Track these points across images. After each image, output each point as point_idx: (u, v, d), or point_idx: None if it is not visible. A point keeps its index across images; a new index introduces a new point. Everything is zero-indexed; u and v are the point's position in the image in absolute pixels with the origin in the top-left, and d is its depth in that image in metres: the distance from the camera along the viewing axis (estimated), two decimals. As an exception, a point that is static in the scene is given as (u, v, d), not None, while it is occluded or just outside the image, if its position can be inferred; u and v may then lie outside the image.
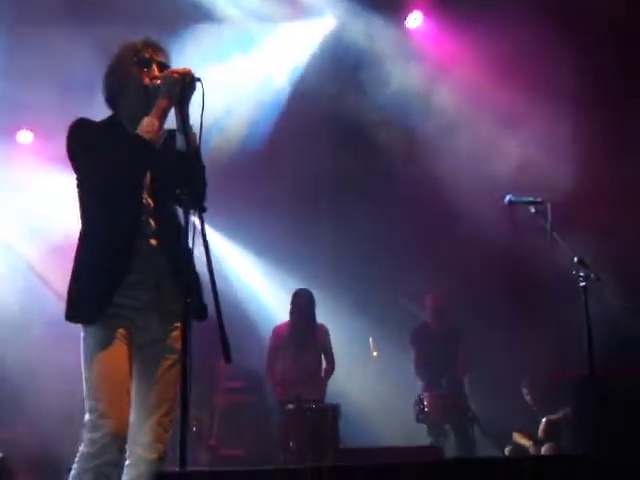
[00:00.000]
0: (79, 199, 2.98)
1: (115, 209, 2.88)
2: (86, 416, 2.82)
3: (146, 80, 2.97)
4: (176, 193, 2.78)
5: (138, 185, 2.94)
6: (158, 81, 2.91)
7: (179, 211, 2.92)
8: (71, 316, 2.88)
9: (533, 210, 4.62)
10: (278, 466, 5.15)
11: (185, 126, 2.83)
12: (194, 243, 2.68)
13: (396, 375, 7.10)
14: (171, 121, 2.93)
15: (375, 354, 7.58)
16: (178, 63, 3.08)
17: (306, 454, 5.44)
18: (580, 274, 4.39)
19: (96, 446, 2.75)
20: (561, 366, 6.22)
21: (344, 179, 7.66)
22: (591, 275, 4.38)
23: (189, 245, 2.73)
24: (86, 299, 2.85)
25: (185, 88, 2.83)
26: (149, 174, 2.98)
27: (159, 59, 3.03)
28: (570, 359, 5.73)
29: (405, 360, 6.97)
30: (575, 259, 4.44)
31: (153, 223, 2.95)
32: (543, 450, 5.95)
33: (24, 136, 7.43)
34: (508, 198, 4.70)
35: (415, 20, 7.28)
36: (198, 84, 2.83)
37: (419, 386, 6.80)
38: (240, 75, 7.10)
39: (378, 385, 7.31)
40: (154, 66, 3.00)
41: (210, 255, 2.64)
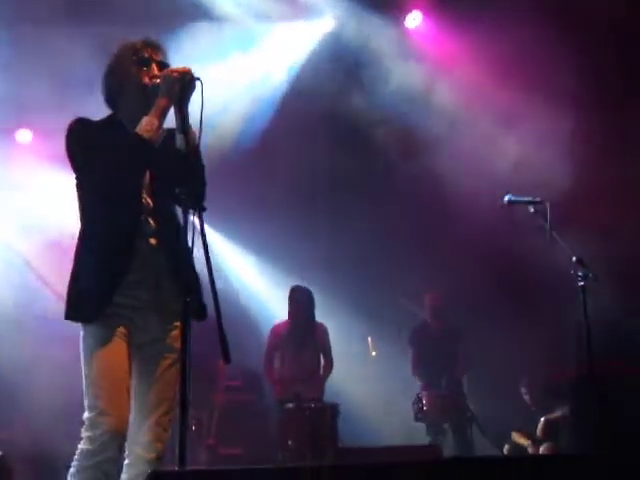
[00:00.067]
0: (78, 199, 2.98)
1: (114, 208, 2.88)
2: (85, 413, 2.81)
3: (145, 79, 2.97)
4: (175, 192, 2.79)
5: (137, 184, 2.94)
6: (157, 80, 2.91)
7: (178, 210, 2.92)
8: (71, 316, 2.88)
9: (532, 210, 4.64)
10: (277, 465, 5.15)
11: (184, 125, 2.84)
12: (194, 243, 2.69)
13: (395, 374, 7.11)
14: (170, 120, 2.93)
15: (374, 353, 7.58)
16: (176, 61, 3.08)
17: (305, 453, 5.44)
18: (579, 274, 4.40)
19: (95, 443, 2.75)
20: (559, 366, 6.23)
21: (342, 178, 7.66)
22: (589, 275, 4.39)
23: (188, 245, 2.74)
24: (86, 299, 2.85)
25: (184, 87, 2.82)
26: (148, 173, 2.97)
27: (158, 58, 3.02)
28: (568, 359, 5.74)
29: (404, 359, 6.97)
30: (574, 259, 4.45)
31: (152, 222, 2.95)
32: (541, 449, 5.95)
33: (23, 135, 7.43)
34: (507, 198, 4.71)
35: (414, 20, 7.30)
36: (198, 83, 2.83)
37: (418, 385, 6.81)
38: (238, 73, 7.09)
39: (377, 384, 7.31)
40: (153, 65, 3.00)
41: (209, 255, 2.65)
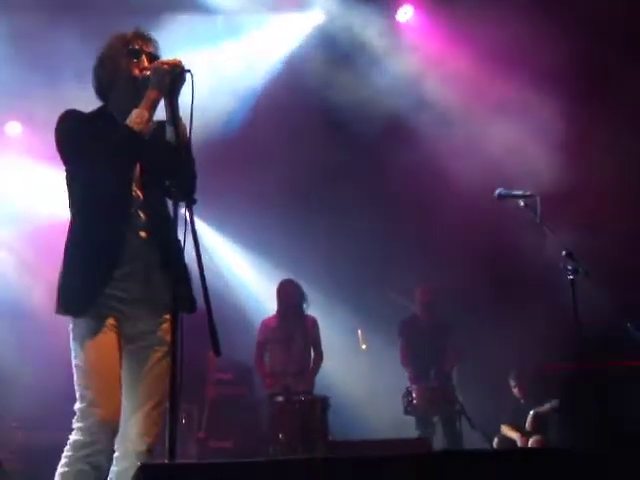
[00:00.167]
0: (68, 191, 2.97)
1: (104, 201, 2.86)
2: (76, 404, 2.81)
3: (136, 71, 2.95)
4: (166, 185, 2.78)
5: (127, 177, 2.93)
6: (148, 72, 2.89)
7: (169, 203, 2.91)
8: (61, 309, 2.87)
9: (522, 204, 4.65)
10: (268, 458, 5.16)
11: (175, 118, 2.83)
12: (185, 236, 2.68)
13: (385, 368, 7.12)
14: (161, 113, 2.92)
15: (364, 347, 7.58)
16: (165, 52, 3.07)
17: (295, 446, 5.45)
18: (568, 267, 4.42)
19: (86, 434, 2.74)
20: (549, 359, 6.26)
21: (335, 173, 7.65)
22: (579, 268, 4.41)
23: (179, 237, 2.73)
24: (76, 291, 2.84)
25: (175, 79, 2.81)
26: (138, 166, 2.96)
27: (149, 50, 3.00)
28: (557, 352, 5.77)
29: (394, 353, 6.97)
30: (563, 252, 4.47)
31: (143, 215, 2.94)
32: (530, 443, 5.99)
33: (13, 127, 7.38)
34: (498, 192, 4.73)
35: (405, 14, 7.33)
36: (188, 75, 2.82)
37: (407, 378, 6.81)
38: (227, 65, 7.06)
39: (367, 377, 7.32)
40: (144, 57, 2.98)
41: (199, 248, 2.64)
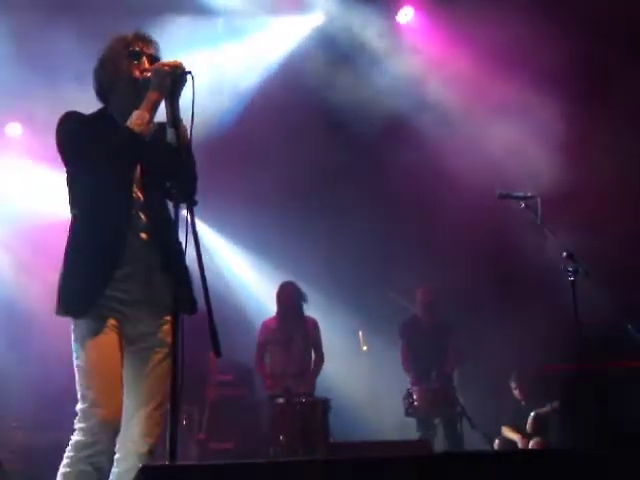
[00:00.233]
0: (69, 192, 2.97)
1: (105, 203, 2.87)
2: (78, 405, 2.80)
3: (136, 73, 2.95)
4: (166, 187, 2.78)
5: (128, 178, 2.93)
6: (148, 74, 2.89)
7: (169, 205, 2.91)
8: (61, 310, 2.87)
9: (523, 205, 4.65)
10: (268, 460, 5.15)
11: (175, 119, 2.83)
12: (187, 237, 2.68)
13: (386, 369, 7.11)
14: (161, 115, 2.92)
15: (365, 348, 7.58)
16: (165, 53, 3.07)
17: (296, 448, 5.44)
18: (569, 268, 4.42)
19: (88, 435, 2.74)
20: (549, 360, 6.25)
21: (336, 173, 7.65)
22: (580, 269, 4.41)
23: (179, 239, 2.73)
24: (76, 293, 2.84)
25: (176, 81, 2.81)
26: (139, 167, 2.96)
27: (150, 52, 3.01)
28: (558, 353, 5.76)
29: (395, 354, 6.97)
30: (564, 253, 4.47)
31: (143, 217, 2.94)
32: (531, 444, 5.98)
33: (13, 128, 7.37)
34: (499, 193, 4.73)
35: (406, 15, 7.34)
36: (189, 77, 2.82)
37: (408, 380, 6.81)
38: (227, 66, 7.08)
39: (368, 379, 7.32)
40: (144, 59, 2.98)
41: (200, 249, 2.64)
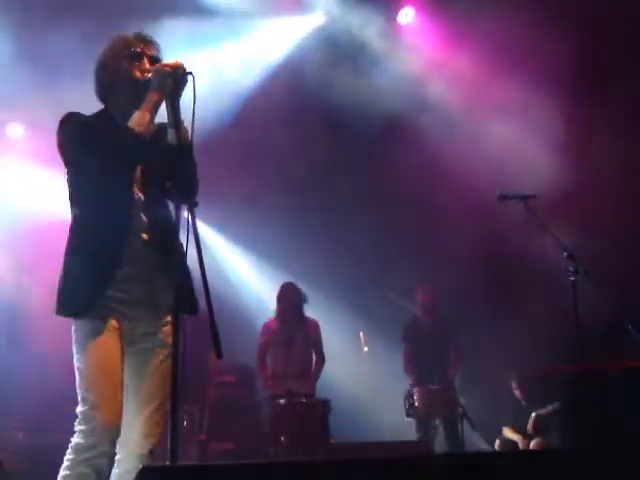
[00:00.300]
0: (69, 193, 2.97)
1: (105, 203, 2.87)
2: (78, 407, 2.80)
3: (137, 74, 2.96)
4: (167, 187, 2.78)
5: (129, 179, 2.93)
6: (149, 75, 2.90)
7: (170, 205, 2.91)
8: (62, 310, 2.87)
9: (523, 205, 4.65)
10: (269, 460, 5.15)
11: (176, 120, 2.83)
12: (188, 238, 2.68)
13: (387, 370, 7.11)
14: (162, 116, 2.92)
15: (365, 349, 7.57)
16: (165, 54, 3.06)
17: (297, 449, 5.44)
18: (569, 269, 4.42)
19: (88, 437, 2.74)
20: (549, 360, 6.25)
21: (336, 173, 7.65)
22: (580, 269, 4.41)
23: (180, 239, 2.73)
24: (77, 293, 2.84)
25: (176, 82, 2.81)
26: (140, 168, 2.96)
27: (150, 53, 3.01)
28: (558, 353, 5.76)
29: (396, 355, 6.97)
30: (564, 254, 4.47)
31: (144, 217, 2.94)
32: (532, 445, 5.98)
33: (14, 129, 7.37)
34: (499, 194, 4.73)
35: (407, 16, 7.35)
36: (189, 78, 2.82)
37: (409, 381, 6.80)
38: (227, 66, 7.07)
39: (368, 380, 7.31)
40: (145, 60, 2.98)
41: (201, 250, 2.64)
